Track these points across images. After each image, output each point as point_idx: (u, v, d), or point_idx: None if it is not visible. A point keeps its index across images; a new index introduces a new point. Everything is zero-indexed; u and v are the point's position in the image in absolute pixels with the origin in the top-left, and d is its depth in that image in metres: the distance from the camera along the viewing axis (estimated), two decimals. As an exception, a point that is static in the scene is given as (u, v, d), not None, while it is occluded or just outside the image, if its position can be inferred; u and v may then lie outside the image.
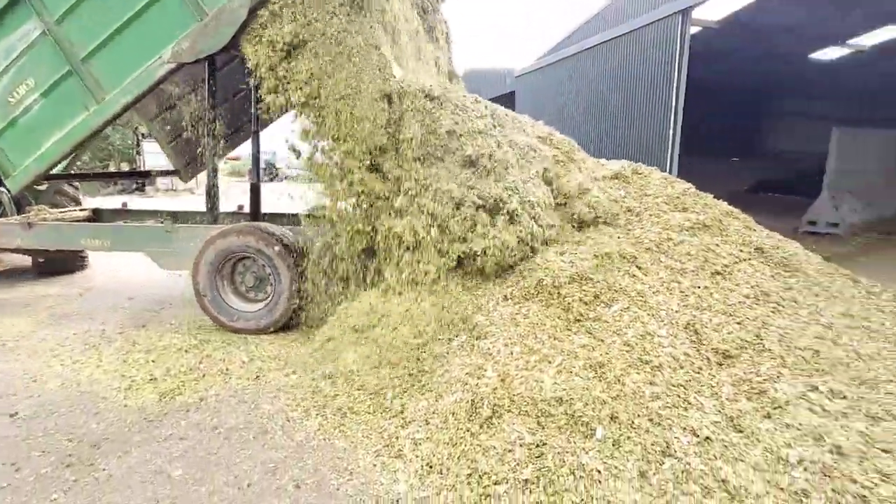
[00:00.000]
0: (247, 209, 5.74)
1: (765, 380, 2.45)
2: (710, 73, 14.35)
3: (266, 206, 5.61)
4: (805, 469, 2.00)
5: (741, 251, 3.61)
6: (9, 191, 4.86)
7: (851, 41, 13.83)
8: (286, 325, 4.06)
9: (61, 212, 5.82)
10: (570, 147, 4.52)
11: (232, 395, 3.06)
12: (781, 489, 1.94)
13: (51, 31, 3.90)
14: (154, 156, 17.15)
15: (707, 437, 2.18)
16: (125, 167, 18.08)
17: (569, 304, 2.95)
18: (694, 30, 10.65)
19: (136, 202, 13.20)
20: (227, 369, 3.41)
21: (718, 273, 3.35)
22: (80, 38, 3.91)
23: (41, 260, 6.45)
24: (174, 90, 6.19)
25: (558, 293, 3.03)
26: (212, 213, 4.55)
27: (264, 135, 5.54)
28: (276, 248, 3.90)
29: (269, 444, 2.55)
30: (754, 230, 4.03)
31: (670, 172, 9.87)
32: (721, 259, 3.48)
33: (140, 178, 10.75)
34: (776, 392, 2.36)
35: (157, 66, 3.83)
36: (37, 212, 5.49)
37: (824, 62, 15.80)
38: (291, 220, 5.23)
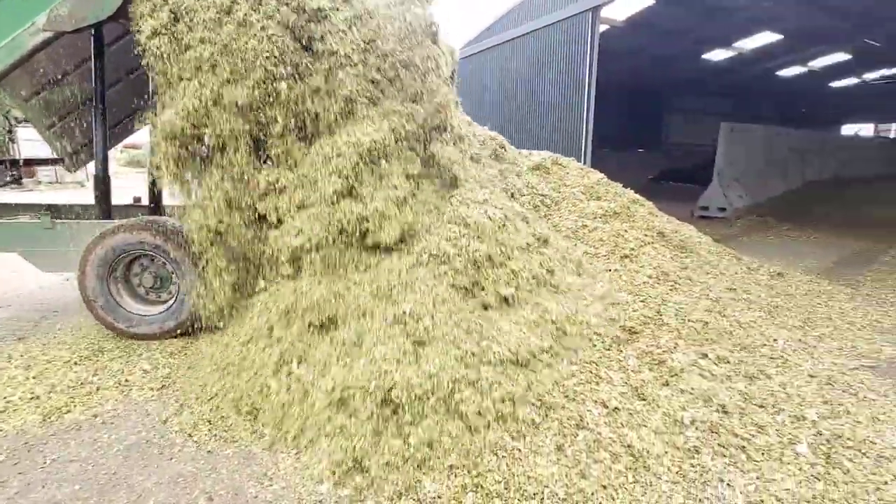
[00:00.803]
0: (145, 201, 5.21)
1: (664, 351, 2.69)
2: (617, 69, 15.33)
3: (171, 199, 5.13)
4: (696, 428, 2.22)
5: (646, 235, 3.93)
6: None
7: (735, 44, 15.48)
8: (194, 326, 3.75)
9: None
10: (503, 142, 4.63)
11: (133, 408, 2.78)
12: (678, 448, 2.15)
13: None
14: (33, 143, 15.04)
15: (615, 408, 2.35)
16: None
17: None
18: (603, 28, 11.30)
19: (10, 196, 11.48)
20: (126, 380, 3.07)
21: (626, 256, 3.62)
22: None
23: None
24: (53, 66, 5.43)
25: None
26: (101, 206, 4.07)
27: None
28: (177, 243, 3.55)
29: (177, 457, 2.35)
30: (657, 216, 4.41)
31: (584, 163, 10.47)
32: (629, 244, 3.75)
33: (14, 169, 9.41)
34: (673, 361, 2.60)
35: (29, 35, 3.32)
36: None
37: (714, 62, 17.55)
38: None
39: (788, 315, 3.72)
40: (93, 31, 3.69)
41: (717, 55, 16.73)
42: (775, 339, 3.04)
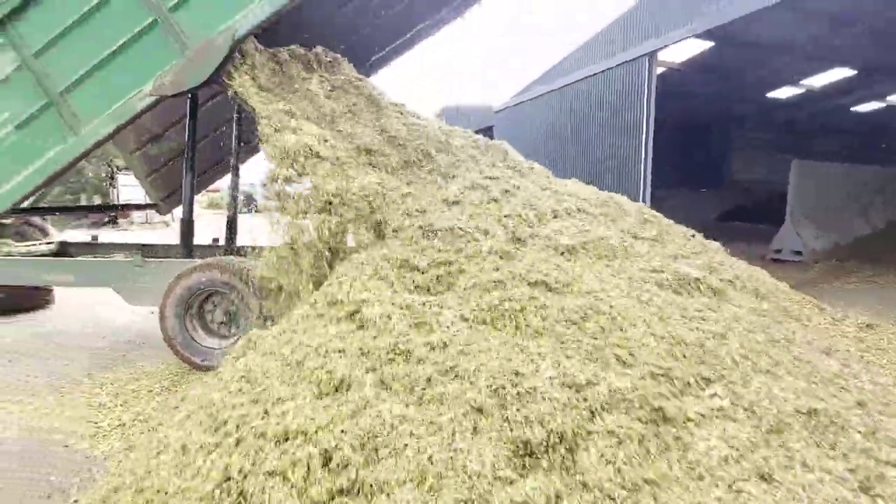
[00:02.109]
0: (223, 242, 5.66)
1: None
2: (676, 109, 15.12)
3: (245, 238, 5.54)
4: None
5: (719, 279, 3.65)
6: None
7: (804, 81, 14.87)
8: None
9: (27, 245, 5.63)
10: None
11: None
12: None
13: (28, 64, 3.88)
14: (130, 189, 17.22)
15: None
16: (97, 201, 17.69)
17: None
18: (659, 70, 11.30)
19: (108, 235, 12.84)
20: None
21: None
22: (58, 72, 3.89)
23: (1, 295, 6.17)
24: (154, 124, 6.17)
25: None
26: (185, 246, 4.47)
27: (245, 167, 5.55)
28: (244, 280, 3.81)
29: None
30: (726, 258, 4.14)
31: (644, 203, 10.25)
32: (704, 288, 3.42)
33: (112, 212, 10.66)
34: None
35: (137, 100, 3.83)
36: (2, 246, 5.30)
37: (782, 99, 16.88)
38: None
39: (881, 372, 3.35)
40: (189, 95, 4.17)
41: (784, 92, 16.11)
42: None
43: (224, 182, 6.85)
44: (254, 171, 5.60)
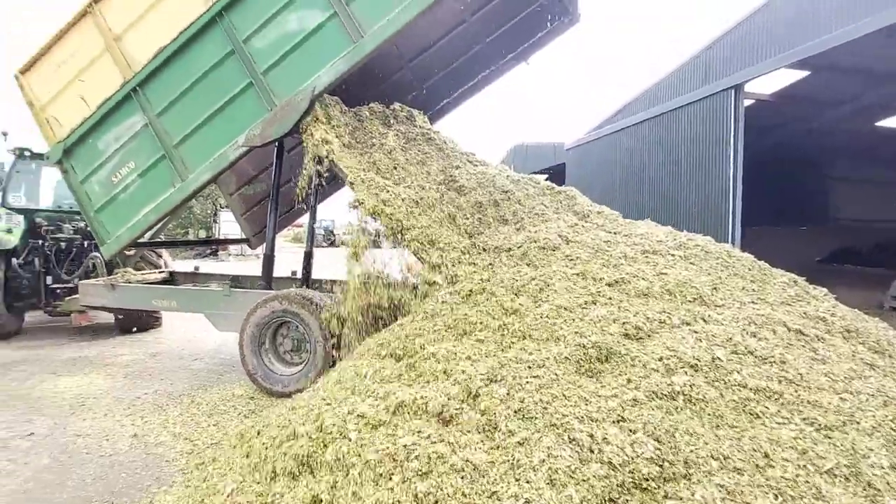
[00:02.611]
0: (300, 275, 6.13)
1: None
2: (768, 142, 14.07)
3: (322, 272, 5.97)
4: None
5: (828, 329, 3.18)
6: (102, 256, 5.54)
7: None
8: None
9: (142, 274, 6.51)
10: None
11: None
12: None
13: (151, 123, 4.63)
14: (229, 224, 19.57)
15: None
16: (203, 234, 20.07)
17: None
18: (747, 102, 10.68)
19: (209, 266, 14.40)
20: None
21: (814, 359, 2.86)
22: (174, 128, 4.59)
23: (120, 317, 7.15)
24: (250, 168, 6.98)
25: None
26: (265, 278, 4.93)
27: (325, 203, 6.07)
28: (312, 312, 4.09)
29: None
30: (836, 306, 3.55)
31: (732, 243, 9.51)
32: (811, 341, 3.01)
33: (212, 245, 12.12)
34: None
35: (232, 150, 4.40)
36: (122, 274, 6.19)
37: (891, 129, 15.05)
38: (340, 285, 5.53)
39: None
40: (276, 144, 4.71)
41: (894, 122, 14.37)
42: None
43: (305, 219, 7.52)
44: (332, 207, 6.11)
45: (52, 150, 5.00)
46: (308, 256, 5.76)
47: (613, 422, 2.24)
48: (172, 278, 6.80)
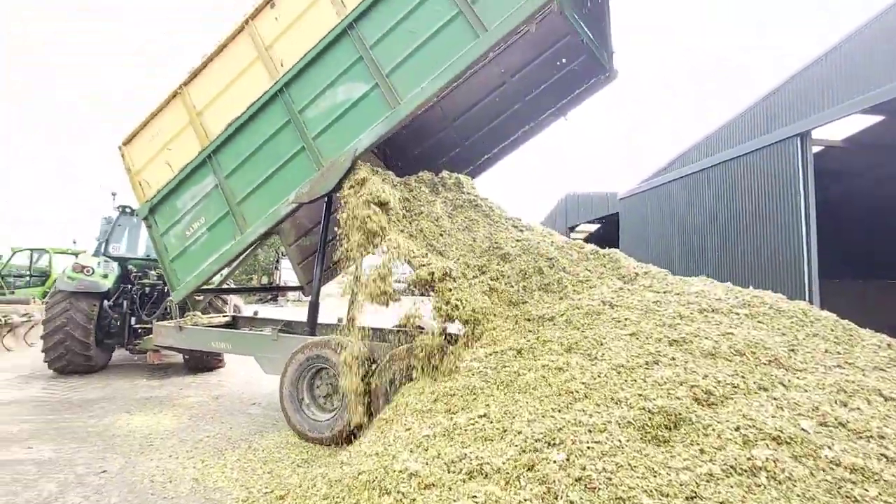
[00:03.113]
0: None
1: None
2: (843, 189, 12.95)
3: (368, 320, 6.18)
4: None
5: None
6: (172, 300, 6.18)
7: None
8: (349, 440, 4.14)
9: (208, 318, 7.11)
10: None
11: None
12: None
13: (220, 184, 5.26)
14: (288, 271, 21.17)
15: None
16: (265, 280, 21.59)
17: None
18: (816, 148, 10.04)
19: (269, 311, 15.31)
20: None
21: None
22: (238, 188, 5.18)
23: (187, 357, 7.79)
24: (307, 221, 7.58)
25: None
26: (310, 325, 5.22)
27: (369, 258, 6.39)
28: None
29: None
30: None
31: (809, 300, 8.68)
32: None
33: (273, 291, 13.13)
34: None
35: (284, 206, 4.87)
36: (190, 317, 6.81)
37: None
38: (377, 333, 5.72)
39: None
40: (325, 201, 5.12)
41: None
42: None
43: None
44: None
45: (141, 207, 5.79)
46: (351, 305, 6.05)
47: (687, 498, 2.04)
48: (234, 322, 7.35)
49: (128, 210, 8.74)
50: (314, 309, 5.31)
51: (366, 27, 4.53)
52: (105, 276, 7.80)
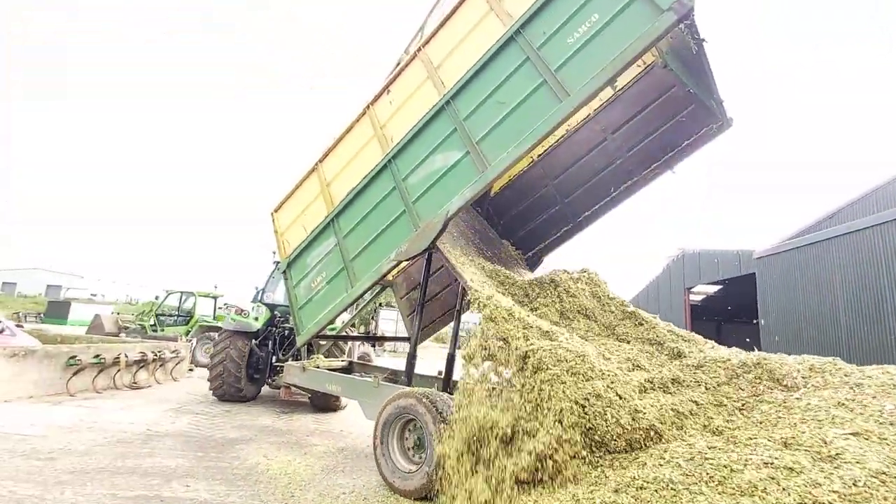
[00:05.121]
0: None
1: None
2: None
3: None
4: None
5: None
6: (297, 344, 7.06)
7: None
8: (428, 499, 4.13)
9: (328, 361, 7.92)
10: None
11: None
12: None
13: (339, 243, 6.04)
14: (386, 322, 22.69)
15: None
16: (362, 329, 23.00)
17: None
18: None
19: (382, 361, 16.00)
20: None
21: None
22: (352, 247, 5.90)
23: (311, 396, 8.68)
24: (418, 275, 8.13)
25: None
26: (407, 375, 5.51)
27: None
28: (432, 414, 4.36)
29: None
30: None
31: None
32: None
33: (375, 341, 14.49)
34: None
35: (386, 263, 5.39)
36: (315, 359, 7.67)
37: None
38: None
39: None
40: (425, 261, 5.51)
41: None
42: None
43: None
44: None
45: (282, 263, 6.89)
46: (450, 359, 6.23)
47: None
48: (350, 367, 8.05)
49: (279, 265, 10.40)
50: (411, 360, 5.61)
51: (461, 101, 5.00)
52: (256, 319, 9.26)
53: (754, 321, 16.44)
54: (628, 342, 4.60)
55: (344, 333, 9.21)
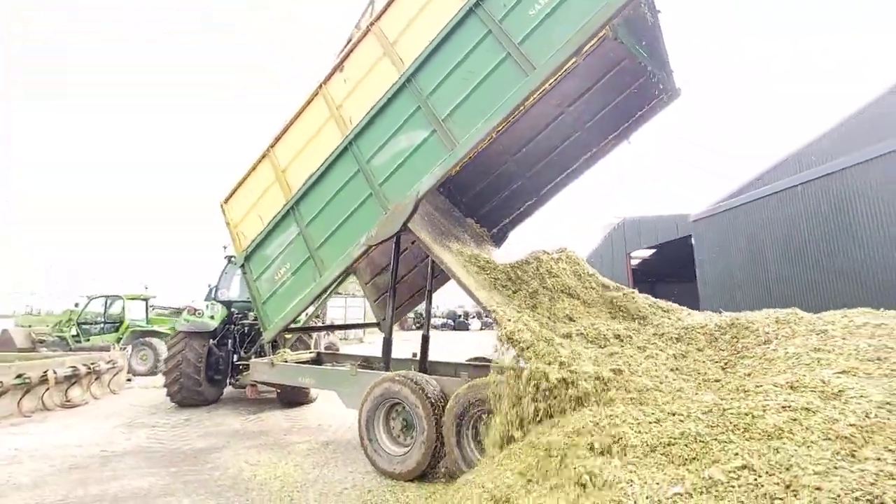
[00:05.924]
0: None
1: None
2: None
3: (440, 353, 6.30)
4: None
5: None
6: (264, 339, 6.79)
7: None
8: (423, 476, 4.22)
9: (296, 354, 7.68)
10: None
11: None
12: None
13: (302, 231, 5.80)
14: (353, 310, 24.99)
15: None
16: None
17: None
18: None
19: (350, 347, 15.78)
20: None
21: None
22: (317, 235, 5.68)
23: (279, 391, 8.41)
24: (382, 260, 8.00)
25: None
26: (384, 361, 5.46)
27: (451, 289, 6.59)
28: (419, 395, 4.37)
29: None
30: None
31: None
32: None
33: (344, 329, 14.34)
34: None
35: (355, 249, 5.24)
36: (281, 354, 7.41)
37: None
38: (450, 368, 5.80)
39: None
40: (394, 243, 5.41)
41: None
42: None
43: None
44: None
45: (238, 256, 6.53)
46: (425, 340, 6.23)
47: None
48: (318, 358, 7.86)
49: (233, 259, 9.82)
50: (388, 345, 5.56)
51: (422, 78, 4.87)
52: (212, 318, 8.78)
53: (689, 280, 17.70)
54: (614, 318, 4.78)
55: (310, 325, 8.94)
